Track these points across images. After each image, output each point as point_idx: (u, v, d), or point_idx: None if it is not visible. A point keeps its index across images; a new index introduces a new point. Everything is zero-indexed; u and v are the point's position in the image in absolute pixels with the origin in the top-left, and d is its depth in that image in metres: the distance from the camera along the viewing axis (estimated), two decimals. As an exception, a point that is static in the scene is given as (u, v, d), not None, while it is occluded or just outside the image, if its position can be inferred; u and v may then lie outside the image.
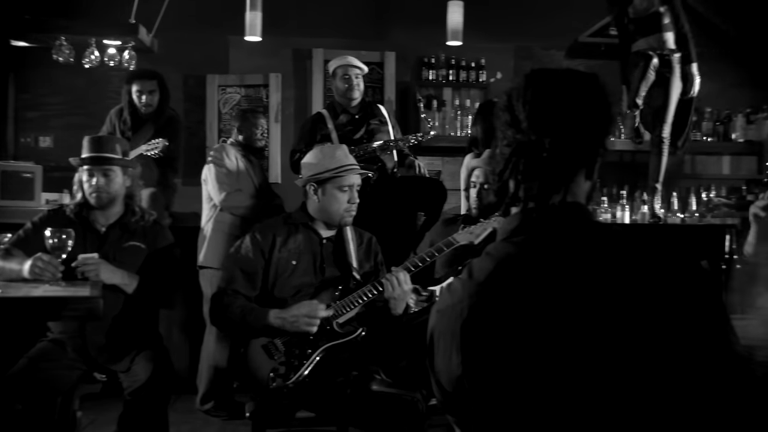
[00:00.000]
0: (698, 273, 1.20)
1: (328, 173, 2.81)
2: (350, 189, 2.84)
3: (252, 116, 4.36)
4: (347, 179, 2.83)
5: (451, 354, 1.19)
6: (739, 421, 1.14)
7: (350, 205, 2.84)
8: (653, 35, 4.54)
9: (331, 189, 2.81)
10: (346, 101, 4.34)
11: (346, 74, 4.32)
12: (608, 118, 1.28)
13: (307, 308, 2.65)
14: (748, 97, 6.03)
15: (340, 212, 2.83)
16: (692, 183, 5.85)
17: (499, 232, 1.29)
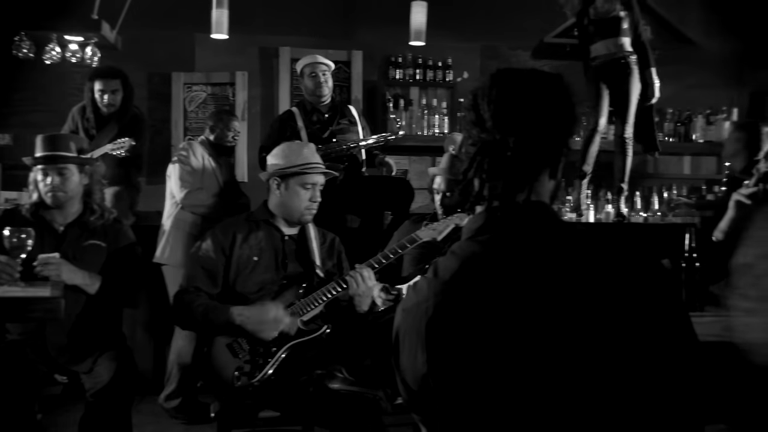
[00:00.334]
0: (657, 271, 1.22)
1: (294, 169, 2.82)
2: (313, 187, 2.85)
3: (227, 117, 4.37)
4: (311, 177, 2.84)
5: (416, 352, 1.20)
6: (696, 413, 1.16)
7: (311, 203, 2.85)
8: (611, 38, 4.61)
9: (294, 185, 2.82)
10: (315, 99, 4.33)
11: (313, 72, 4.32)
12: (572, 118, 1.30)
13: (273, 313, 2.63)
14: (707, 98, 6.15)
15: (300, 209, 2.83)
16: (655, 182, 5.94)
17: (464, 230, 1.30)
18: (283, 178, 2.84)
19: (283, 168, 2.84)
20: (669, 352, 1.16)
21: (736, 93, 6.23)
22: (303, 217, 2.87)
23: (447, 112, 5.74)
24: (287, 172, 2.83)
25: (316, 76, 4.31)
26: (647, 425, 1.14)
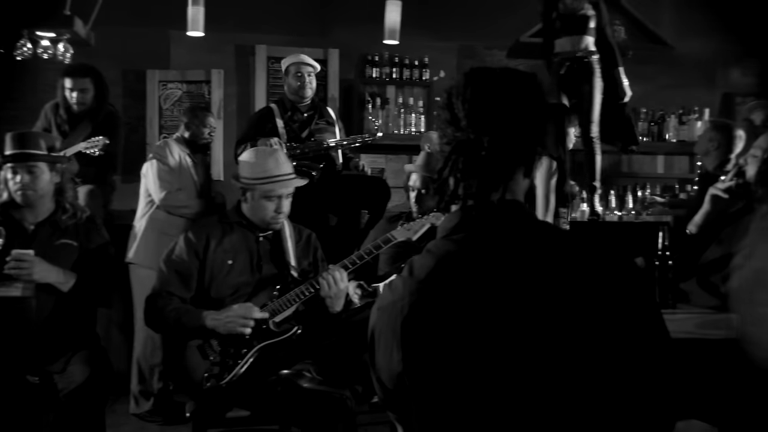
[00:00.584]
0: (630, 270, 1.23)
1: (255, 182, 2.79)
2: (278, 198, 2.80)
3: (201, 114, 4.33)
4: (275, 190, 2.79)
5: (391, 351, 1.20)
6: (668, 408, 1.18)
7: (277, 214, 2.81)
8: (577, 36, 4.65)
9: (259, 197, 2.79)
10: (297, 98, 4.33)
11: (299, 72, 4.33)
12: (546, 116, 1.30)
13: (242, 310, 2.62)
14: (680, 98, 6.23)
15: (266, 219, 2.81)
16: (629, 181, 6.00)
17: (439, 229, 1.30)
18: (247, 187, 2.81)
19: (247, 179, 2.80)
20: (641, 348, 1.17)
21: (708, 93, 6.31)
22: (270, 225, 2.85)
23: (423, 111, 5.74)
24: (249, 185, 2.80)
25: (301, 76, 4.32)
26: (620, 421, 1.15)
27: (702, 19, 6.10)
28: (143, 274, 3.89)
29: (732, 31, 6.19)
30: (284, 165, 2.85)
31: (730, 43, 6.22)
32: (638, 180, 6.05)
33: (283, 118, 4.28)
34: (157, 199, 4.01)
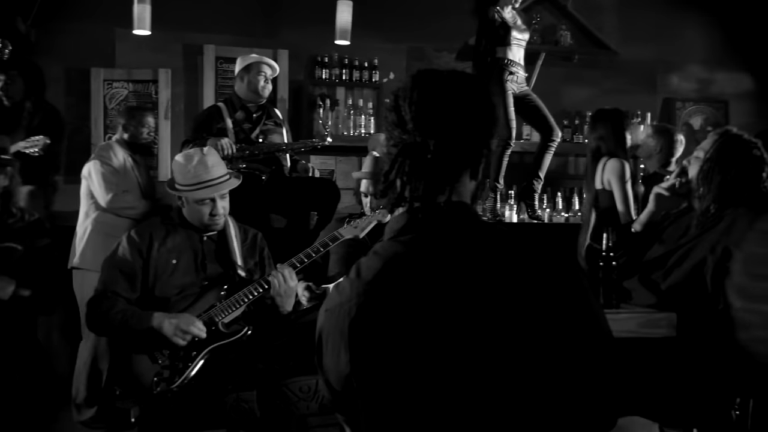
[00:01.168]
0: (573, 270, 1.26)
1: (185, 189, 2.77)
2: (212, 202, 2.78)
3: (139, 114, 4.26)
4: (205, 195, 2.76)
5: (339, 353, 1.20)
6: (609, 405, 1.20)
7: (213, 217, 2.79)
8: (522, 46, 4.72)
9: (191, 202, 2.78)
10: (254, 98, 4.27)
11: (261, 72, 4.28)
12: (492, 119, 1.32)
13: (184, 322, 2.58)
14: (623, 103, 6.36)
15: (202, 222, 2.80)
16: (576, 183, 6.11)
17: (386, 231, 1.31)
18: (180, 194, 2.79)
19: (179, 186, 2.79)
20: (583, 347, 1.19)
21: (650, 98, 6.48)
22: (208, 228, 2.83)
23: (373, 113, 5.75)
24: (179, 191, 2.78)
25: (264, 76, 4.28)
26: (563, 418, 1.17)
27: (644, 26, 6.27)
28: (90, 277, 3.81)
29: (671, 38, 6.39)
30: (214, 168, 2.81)
31: (669, 50, 6.41)
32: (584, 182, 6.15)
33: (232, 118, 4.23)
34: (103, 201, 3.93)
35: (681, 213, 2.95)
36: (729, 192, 2.61)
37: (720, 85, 6.60)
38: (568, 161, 6.30)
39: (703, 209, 2.66)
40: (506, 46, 4.62)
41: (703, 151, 2.71)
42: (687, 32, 6.45)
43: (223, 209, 2.82)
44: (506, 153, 4.69)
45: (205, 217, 2.78)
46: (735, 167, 2.62)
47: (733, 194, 2.60)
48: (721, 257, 2.53)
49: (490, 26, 4.61)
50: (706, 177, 2.65)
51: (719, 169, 2.63)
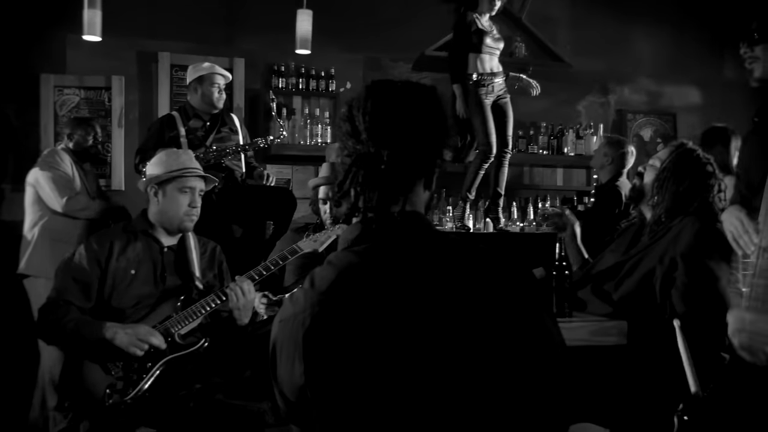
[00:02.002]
0: (525, 279, 1.27)
1: (170, 174, 2.76)
2: (192, 192, 2.79)
3: (84, 123, 4.29)
4: (189, 181, 2.78)
5: (293, 363, 1.19)
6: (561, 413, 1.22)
7: (191, 209, 2.79)
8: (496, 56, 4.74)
9: (172, 191, 2.76)
10: (209, 108, 4.27)
11: (215, 82, 4.26)
12: (446, 129, 1.33)
13: (142, 332, 2.54)
14: (577, 114, 6.50)
15: (179, 215, 2.77)
16: (530, 193, 6.19)
17: (340, 241, 1.31)
18: (160, 185, 2.77)
19: (162, 174, 2.77)
20: (535, 355, 1.21)
21: (602, 110, 6.62)
22: (183, 223, 2.79)
23: (330, 122, 5.75)
24: (164, 178, 2.76)
25: (217, 87, 4.26)
26: (516, 425, 1.18)
27: (595, 40, 6.40)
28: (37, 284, 3.75)
29: (622, 52, 6.54)
30: (196, 163, 2.91)
31: (620, 63, 6.56)
32: (539, 192, 6.25)
33: (186, 126, 4.20)
34: (58, 206, 3.91)
35: (631, 223, 3.02)
36: (681, 202, 2.69)
37: (669, 98, 6.78)
38: (523, 171, 6.38)
39: (656, 218, 2.74)
40: (479, 53, 4.62)
41: (659, 160, 2.79)
42: (637, 46, 6.62)
43: (199, 207, 2.83)
44: (483, 166, 4.70)
45: (182, 209, 2.77)
46: (689, 179, 2.71)
47: (684, 204, 2.69)
48: (669, 267, 2.60)
49: (466, 31, 4.61)
50: (662, 186, 2.74)
51: (674, 179, 2.72)
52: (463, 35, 4.59)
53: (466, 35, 4.58)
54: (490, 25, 4.70)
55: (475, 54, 4.60)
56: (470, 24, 4.59)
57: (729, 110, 6.35)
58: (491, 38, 4.65)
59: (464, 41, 4.60)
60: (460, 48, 4.62)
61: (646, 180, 2.83)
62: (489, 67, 4.67)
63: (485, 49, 4.62)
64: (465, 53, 4.60)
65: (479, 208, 5.48)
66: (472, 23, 4.60)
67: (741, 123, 2.34)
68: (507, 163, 4.82)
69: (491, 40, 4.65)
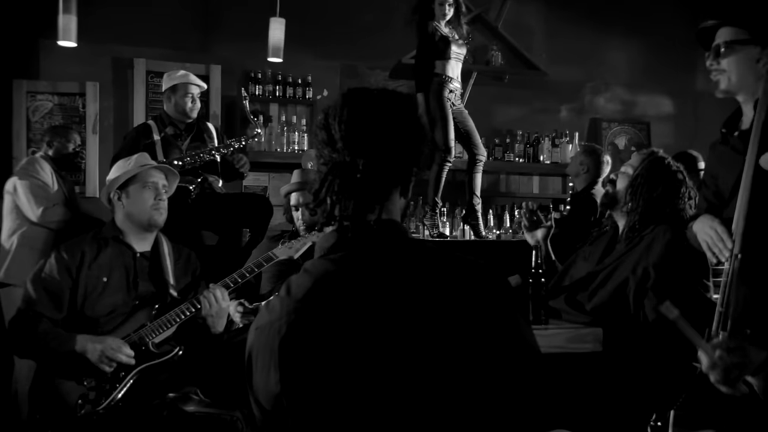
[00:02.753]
0: (500, 287, 1.27)
1: (128, 173, 2.78)
2: (154, 186, 2.80)
3: (63, 130, 4.28)
4: (149, 176, 2.80)
5: (269, 371, 1.18)
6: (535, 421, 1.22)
7: (158, 202, 2.79)
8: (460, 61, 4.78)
9: (135, 190, 2.77)
10: (183, 117, 4.24)
11: (188, 93, 4.23)
12: (422, 137, 1.33)
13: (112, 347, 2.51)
14: (552, 122, 6.56)
15: (147, 211, 2.77)
16: (507, 201, 6.22)
17: (316, 249, 1.30)
18: (122, 188, 2.77)
19: (118, 176, 2.79)
20: (510, 364, 1.21)
21: (578, 118, 6.68)
22: (152, 218, 2.78)
23: (306, 129, 5.74)
24: (123, 179, 2.77)
25: (192, 97, 4.24)
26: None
27: (571, 49, 6.47)
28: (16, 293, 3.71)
29: (597, 61, 6.61)
30: (152, 161, 2.95)
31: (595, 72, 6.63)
32: (515, 199, 6.29)
33: (161, 134, 4.17)
34: (34, 216, 3.88)
35: (602, 232, 3.05)
36: (654, 208, 2.73)
37: (642, 107, 6.86)
38: (499, 179, 6.42)
39: (630, 224, 2.77)
40: (446, 60, 4.65)
41: (632, 167, 2.83)
42: (611, 56, 6.70)
43: (166, 202, 2.83)
44: (444, 170, 4.71)
45: (149, 203, 2.77)
46: (662, 185, 2.75)
47: (657, 211, 2.72)
48: (642, 277, 2.62)
49: (430, 40, 4.63)
50: (635, 192, 2.77)
51: (648, 186, 2.75)
52: (428, 44, 4.63)
53: (431, 44, 4.62)
54: (450, 31, 4.74)
55: (442, 60, 4.64)
56: (433, 33, 4.63)
57: (701, 120, 6.47)
58: (456, 44, 4.71)
59: (430, 50, 4.63)
60: (426, 57, 4.66)
61: (619, 187, 2.87)
62: (456, 73, 4.72)
63: (452, 54, 4.67)
64: (431, 62, 4.64)
65: (456, 216, 5.50)
66: (435, 32, 4.64)
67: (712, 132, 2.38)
68: (481, 168, 4.84)
69: (456, 45, 4.71)
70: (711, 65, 2.24)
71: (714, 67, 2.23)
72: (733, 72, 2.17)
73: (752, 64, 2.17)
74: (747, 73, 2.18)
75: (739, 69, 2.15)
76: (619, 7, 6.46)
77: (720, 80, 2.22)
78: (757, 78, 2.14)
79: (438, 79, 4.61)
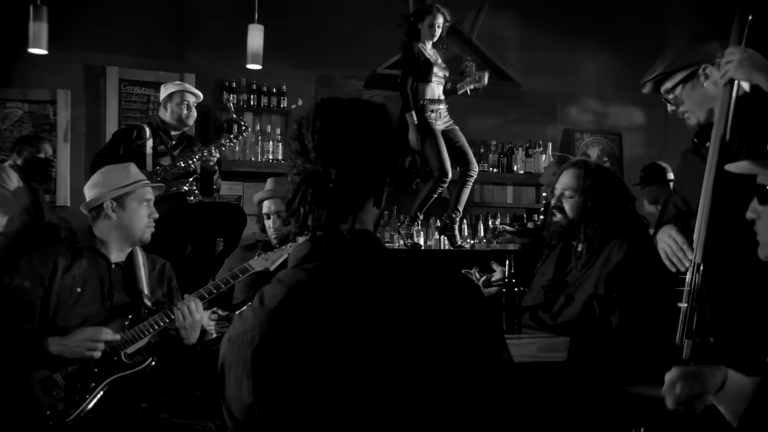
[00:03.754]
0: (473, 297, 1.28)
1: (130, 187, 2.74)
2: (149, 203, 2.80)
3: (34, 140, 4.28)
4: (147, 192, 2.80)
5: (242, 382, 1.18)
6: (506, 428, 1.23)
7: (151, 220, 2.80)
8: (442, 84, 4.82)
9: (132, 204, 2.74)
10: (177, 124, 4.26)
11: (184, 100, 4.24)
12: (395, 147, 1.34)
13: (90, 332, 2.49)
14: (526, 132, 6.61)
15: (142, 227, 2.76)
16: (481, 211, 6.26)
17: (289, 259, 1.30)
18: (118, 199, 2.72)
19: (117, 188, 2.73)
20: (482, 374, 1.21)
21: (551, 128, 6.75)
22: (144, 235, 2.79)
23: (281, 139, 5.73)
24: (126, 191, 2.73)
25: (187, 105, 4.27)
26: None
27: (544, 60, 6.54)
28: None
29: (570, 72, 6.69)
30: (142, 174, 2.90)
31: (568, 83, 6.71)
32: (489, 209, 6.32)
33: (154, 140, 4.17)
34: None
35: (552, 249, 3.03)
36: (608, 221, 2.70)
37: (615, 117, 6.95)
38: (473, 189, 6.44)
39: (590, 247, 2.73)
40: (428, 83, 4.69)
41: (569, 189, 2.77)
42: (584, 67, 6.78)
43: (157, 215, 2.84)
44: (437, 190, 4.75)
45: (144, 221, 2.76)
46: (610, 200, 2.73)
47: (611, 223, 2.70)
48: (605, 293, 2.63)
49: (414, 63, 4.67)
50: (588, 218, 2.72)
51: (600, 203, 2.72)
52: (412, 66, 4.66)
53: (415, 66, 4.65)
54: (434, 53, 4.79)
55: (423, 84, 4.68)
56: (418, 55, 4.67)
57: (672, 130, 6.56)
58: (438, 67, 4.75)
59: (414, 72, 4.66)
60: (410, 78, 4.69)
61: (570, 214, 2.80)
62: (437, 94, 4.75)
63: (434, 78, 4.71)
64: (415, 83, 4.67)
65: (431, 225, 5.51)
66: (420, 54, 4.67)
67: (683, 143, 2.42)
68: (471, 184, 4.89)
69: (438, 68, 4.75)
70: (674, 112, 2.28)
71: (678, 112, 2.27)
72: (694, 106, 2.21)
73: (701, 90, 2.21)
74: (705, 100, 2.22)
75: (696, 101, 2.18)
76: (591, 20, 6.55)
77: (689, 119, 2.26)
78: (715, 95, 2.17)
79: (419, 104, 4.66)
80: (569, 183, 2.79)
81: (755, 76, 1.92)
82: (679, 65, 2.19)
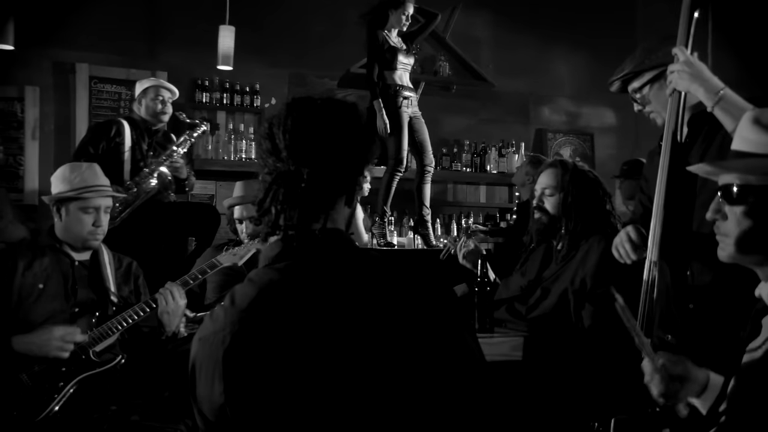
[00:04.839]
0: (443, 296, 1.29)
1: (71, 193, 2.69)
2: (96, 211, 2.72)
3: None
4: (91, 201, 2.70)
5: (213, 382, 1.17)
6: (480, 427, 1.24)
7: (95, 228, 2.72)
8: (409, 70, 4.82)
9: (75, 210, 2.69)
10: (154, 120, 4.21)
11: (159, 95, 4.21)
12: (367, 146, 1.34)
13: (61, 332, 2.45)
14: (499, 132, 6.65)
15: (83, 235, 2.70)
16: (454, 210, 6.29)
17: (261, 258, 1.30)
18: (62, 202, 2.69)
19: (62, 192, 2.69)
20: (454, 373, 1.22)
21: (524, 129, 6.79)
22: (87, 242, 2.72)
23: (254, 138, 5.70)
24: (66, 196, 2.68)
25: (163, 100, 4.24)
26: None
27: (517, 61, 6.59)
28: None
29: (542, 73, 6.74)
30: (102, 177, 2.81)
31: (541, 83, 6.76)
32: (462, 209, 6.35)
33: (132, 137, 4.13)
34: None
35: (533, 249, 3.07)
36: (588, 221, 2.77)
37: (586, 118, 7.02)
38: (446, 188, 6.48)
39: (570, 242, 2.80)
40: (393, 70, 4.68)
41: (549, 187, 2.84)
42: (556, 68, 6.84)
43: (105, 224, 2.75)
44: (394, 180, 4.73)
45: (86, 229, 2.69)
46: (589, 196, 2.80)
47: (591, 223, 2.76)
48: (580, 287, 2.68)
49: (379, 50, 4.66)
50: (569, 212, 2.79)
51: (578, 202, 2.78)
52: (377, 53, 4.66)
53: (380, 53, 4.65)
54: (399, 41, 4.79)
55: (390, 71, 4.68)
56: (383, 43, 4.67)
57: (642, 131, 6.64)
58: (403, 54, 4.75)
59: (379, 59, 4.66)
60: (374, 66, 4.68)
61: (551, 211, 2.85)
62: (405, 81, 4.75)
63: (399, 65, 4.71)
64: (381, 70, 4.67)
65: (404, 224, 5.52)
66: (384, 41, 4.67)
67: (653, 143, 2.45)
68: (430, 179, 4.88)
69: (403, 56, 4.75)
70: (640, 111, 2.31)
71: (645, 112, 2.30)
72: (660, 107, 2.23)
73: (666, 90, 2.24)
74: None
75: (662, 102, 2.20)
76: (564, 21, 6.60)
77: (656, 119, 2.29)
78: None
79: (391, 90, 4.65)
80: (548, 182, 2.86)
81: (693, 87, 1.96)
82: (648, 65, 2.22)
